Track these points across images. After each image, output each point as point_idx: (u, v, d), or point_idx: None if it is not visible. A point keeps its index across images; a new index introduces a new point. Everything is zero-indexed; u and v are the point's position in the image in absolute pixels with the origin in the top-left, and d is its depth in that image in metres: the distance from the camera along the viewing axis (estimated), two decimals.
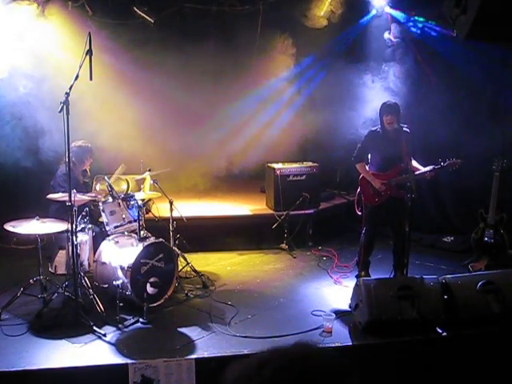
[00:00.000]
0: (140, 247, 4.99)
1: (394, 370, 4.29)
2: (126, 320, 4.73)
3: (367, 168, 5.71)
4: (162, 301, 5.10)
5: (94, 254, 5.23)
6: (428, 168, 5.50)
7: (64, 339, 4.36)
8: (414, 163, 5.55)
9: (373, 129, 5.72)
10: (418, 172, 5.47)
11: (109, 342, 4.37)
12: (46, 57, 6.64)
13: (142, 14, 7.30)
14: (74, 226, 4.60)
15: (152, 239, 5.19)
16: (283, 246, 6.97)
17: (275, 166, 7.43)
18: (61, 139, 4.50)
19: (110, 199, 5.30)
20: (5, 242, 6.52)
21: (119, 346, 4.30)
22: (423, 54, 7.43)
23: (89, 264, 5.15)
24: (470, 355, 4.40)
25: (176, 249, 5.70)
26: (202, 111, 8.00)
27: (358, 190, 5.78)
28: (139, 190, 6.16)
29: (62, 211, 4.98)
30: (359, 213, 5.80)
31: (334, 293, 5.55)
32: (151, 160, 6.33)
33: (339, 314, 4.79)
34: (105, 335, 4.44)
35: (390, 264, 5.81)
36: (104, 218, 5.27)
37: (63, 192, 5.03)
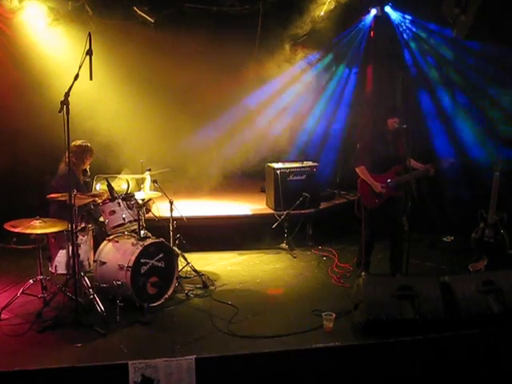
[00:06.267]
0: (140, 247, 4.99)
1: (394, 370, 4.30)
2: (126, 320, 4.72)
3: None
4: (162, 301, 5.11)
5: (94, 253, 5.23)
6: (422, 166, 5.52)
7: (64, 339, 4.36)
8: (414, 163, 5.55)
9: (372, 130, 5.71)
10: (414, 171, 5.45)
11: (109, 342, 4.37)
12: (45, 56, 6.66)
13: (142, 14, 7.30)
14: (73, 226, 4.60)
15: (152, 239, 5.20)
16: (283, 245, 6.97)
17: (275, 165, 7.43)
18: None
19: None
20: (5, 242, 6.52)
21: (119, 346, 4.30)
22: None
23: (89, 264, 5.14)
24: (470, 355, 4.40)
25: (176, 249, 5.71)
26: (202, 111, 7.99)
27: (358, 192, 5.77)
28: (139, 189, 6.16)
29: (63, 211, 4.99)
30: (359, 215, 5.80)
31: (334, 293, 5.55)
32: (151, 159, 6.33)
33: (339, 314, 4.78)
34: (105, 335, 4.44)
35: None
36: (104, 218, 5.27)
37: (64, 192, 5.02)
